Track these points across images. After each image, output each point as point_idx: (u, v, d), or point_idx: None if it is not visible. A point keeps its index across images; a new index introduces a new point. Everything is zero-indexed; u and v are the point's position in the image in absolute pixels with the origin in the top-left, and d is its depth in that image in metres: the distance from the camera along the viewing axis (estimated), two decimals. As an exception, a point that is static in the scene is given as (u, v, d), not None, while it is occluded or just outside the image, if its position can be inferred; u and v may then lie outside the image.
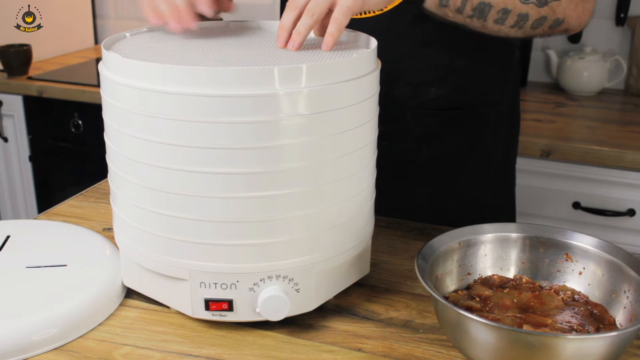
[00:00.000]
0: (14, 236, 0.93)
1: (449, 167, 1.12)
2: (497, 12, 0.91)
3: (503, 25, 0.92)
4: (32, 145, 2.25)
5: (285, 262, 0.75)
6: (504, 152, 1.18)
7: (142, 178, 0.74)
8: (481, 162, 1.14)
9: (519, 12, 0.91)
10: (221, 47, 0.85)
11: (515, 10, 0.91)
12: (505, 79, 1.13)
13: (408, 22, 1.02)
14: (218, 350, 0.75)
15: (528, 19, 0.92)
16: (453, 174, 1.13)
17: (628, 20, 2.02)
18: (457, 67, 1.07)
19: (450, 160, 1.12)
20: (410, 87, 1.07)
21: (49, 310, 0.77)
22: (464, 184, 1.13)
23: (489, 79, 1.10)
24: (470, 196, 1.14)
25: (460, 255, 0.80)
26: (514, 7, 0.91)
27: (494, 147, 1.15)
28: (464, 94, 1.09)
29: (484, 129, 1.12)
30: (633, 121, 1.81)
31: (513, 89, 1.16)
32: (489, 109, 1.12)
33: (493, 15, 0.91)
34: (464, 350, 0.69)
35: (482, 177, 1.15)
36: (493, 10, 0.90)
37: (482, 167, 1.14)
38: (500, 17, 0.91)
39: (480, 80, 1.09)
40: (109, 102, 0.76)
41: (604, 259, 0.77)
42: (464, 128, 1.11)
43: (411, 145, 1.11)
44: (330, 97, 0.72)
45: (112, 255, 0.88)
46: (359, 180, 0.79)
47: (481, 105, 1.11)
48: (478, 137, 1.12)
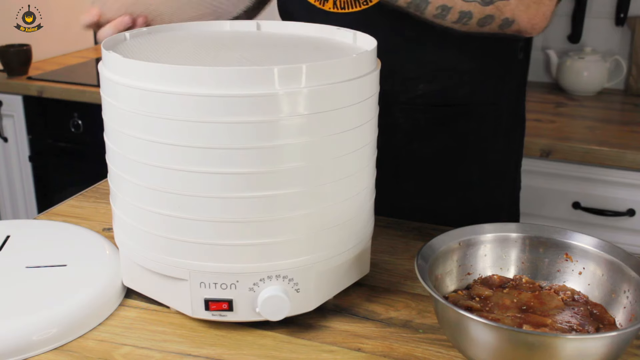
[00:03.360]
0: (14, 236, 0.92)
1: (442, 166, 1.11)
2: (436, 8, 0.91)
3: (444, 20, 0.92)
4: (32, 145, 2.25)
5: (285, 262, 0.75)
6: (503, 153, 1.16)
7: (142, 178, 0.74)
8: (476, 162, 1.13)
9: (460, 9, 0.91)
10: (221, 47, 0.85)
11: (456, 7, 0.91)
12: (503, 78, 1.11)
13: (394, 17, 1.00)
14: (218, 350, 0.75)
15: (472, 17, 0.91)
16: (446, 172, 1.12)
17: (628, 20, 2.02)
18: (446, 64, 1.06)
19: (443, 159, 1.11)
20: (398, 82, 1.06)
21: (49, 310, 0.77)
22: (457, 183, 1.12)
23: (484, 78, 1.09)
24: (464, 196, 1.13)
25: (460, 255, 0.80)
26: (454, 4, 0.90)
27: (490, 147, 1.13)
28: (455, 92, 1.08)
29: (479, 129, 1.11)
30: (633, 121, 1.81)
31: (514, 89, 1.14)
32: (485, 108, 1.10)
33: (431, 11, 0.91)
34: (464, 350, 0.69)
35: (477, 177, 1.13)
36: (430, 6, 0.91)
37: (476, 167, 1.13)
38: (440, 13, 0.91)
39: (473, 78, 1.08)
40: (108, 102, 0.76)
41: (604, 259, 0.77)
42: (456, 126, 1.10)
43: (401, 141, 1.10)
44: (330, 97, 0.72)
45: (111, 255, 0.88)
46: (359, 180, 0.79)
47: (475, 104, 1.09)
48: (472, 136, 1.11)
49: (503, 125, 1.14)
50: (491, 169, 1.15)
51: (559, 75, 2.04)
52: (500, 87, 1.11)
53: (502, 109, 1.13)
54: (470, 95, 1.09)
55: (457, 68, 1.06)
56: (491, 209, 1.15)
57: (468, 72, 1.07)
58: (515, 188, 1.23)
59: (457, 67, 1.06)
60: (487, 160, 1.14)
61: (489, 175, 1.15)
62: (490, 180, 1.15)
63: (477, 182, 1.14)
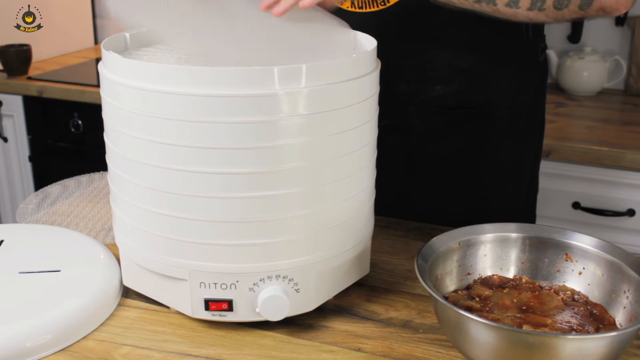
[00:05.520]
0: (7, 241, 0.91)
1: (456, 168, 1.10)
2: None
3: (518, 9, 0.84)
4: (32, 145, 2.25)
5: (285, 262, 0.75)
6: (519, 156, 1.13)
7: (142, 178, 0.74)
8: (491, 165, 1.11)
9: None
10: (221, 47, 0.85)
11: None
12: (522, 81, 1.08)
13: (411, 18, 1.00)
14: (218, 350, 0.75)
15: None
16: (460, 174, 1.11)
17: (628, 20, 2.01)
18: (464, 66, 1.04)
19: (458, 161, 1.10)
20: (414, 83, 1.05)
21: (42, 316, 0.76)
22: (471, 185, 1.11)
23: (502, 80, 1.06)
24: (479, 198, 1.12)
25: (460, 255, 0.80)
26: None
27: (506, 150, 1.11)
28: (472, 94, 1.06)
29: (495, 131, 1.09)
30: (633, 121, 1.81)
31: (533, 92, 1.11)
32: (501, 111, 1.08)
33: None
34: (464, 350, 0.69)
35: (492, 179, 1.11)
36: None
37: (491, 170, 1.11)
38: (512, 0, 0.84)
39: (491, 81, 1.06)
40: (108, 102, 0.76)
41: (604, 259, 0.77)
42: (472, 129, 1.08)
43: (417, 142, 1.08)
44: (330, 97, 0.72)
45: (105, 260, 0.87)
46: (359, 180, 0.79)
47: (492, 106, 1.07)
48: (488, 138, 1.09)
49: (520, 128, 1.11)
50: (507, 172, 1.13)
51: (559, 75, 2.04)
52: (519, 89, 1.09)
53: (519, 112, 1.10)
54: (487, 98, 1.07)
55: (475, 70, 1.04)
56: (506, 212, 1.12)
57: (485, 74, 1.05)
58: (532, 191, 1.20)
59: (475, 69, 1.04)
60: (503, 163, 1.12)
61: (505, 178, 1.13)
62: (506, 183, 1.13)
63: (492, 185, 1.12)
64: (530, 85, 1.11)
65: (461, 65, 1.04)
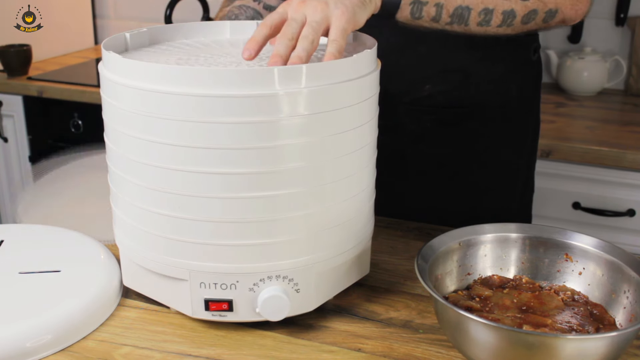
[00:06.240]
0: (7, 241, 0.91)
1: (448, 167, 1.11)
2: (478, 14, 0.87)
3: (489, 27, 0.88)
4: (32, 145, 2.25)
5: (285, 262, 0.75)
6: (513, 156, 1.14)
7: (142, 178, 0.74)
8: (483, 165, 1.11)
9: (502, 9, 0.87)
10: (221, 48, 0.85)
11: (498, 8, 0.87)
12: (514, 80, 1.08)
13: None
14: (218, 351, 0.75)
15: (515, 15, 0.88)
16: (452, 174, 1.11)
17: (628, 20, 2.02)
18: (453, 66, 1.04)
19: (450, 161, 1.10)
20: (403, 82, 1.05)
21: (42, 316, 0.75)
22: (464, 185, 1.11)
23: (492, 80, 1.06)
24: (472, 198, 1.12)
25: (460, 256, 0.80)
26: (495, 5, 0.86)
27: (499, 150, 1.11)
28: (463, 94, 1.06)
29: (487, 131, 1.09)
30: (633, 121, 1.81)
31: (526, 91, 1.11)
32: (493, 111, 1.08)
33: (474, 18, 0.87)
34: (464, 350, 0.69)
35: (485, 179, 1.12)
36: (473, 12, 0.87)
37: (484, 170, 1.11)
38: (483, 18, 0.87)
39: (481, 80, 1.06)
40: (108, 102, 0.76)
41: (604, 259, 0.77)
42: (463, 128, 1.08)
43: (407, 142, 1.08)
44: (330, 97, 0.72)
45: (105, 260, 0.87)
46: (359, 180, 0.79)
47: (483, 105, 1.07)
48: (479, 138, 1.09)
49: (513, 127, 1.11)
50: (500, 172, 1.12)
51: (559, 76, 2.04)
52: (511, 89, 1.08)
53: (512, 112, 1.10)
54: (478, 97, 1.06)
55: (466, 69, 1.04)
56: (500, 212, 1.12)
57: (476, 73, 1.05)
58: (527, 191, 1.20)
59: (466, 69, 1.04)
60: (496, 163, 1.12)
61: (498, 178, 1.13)
62: (500, 183, 1.13)
63: (485, 185, 1.12)
64: (523, 84, 1.11)
65: (451, 64, 1.04)
